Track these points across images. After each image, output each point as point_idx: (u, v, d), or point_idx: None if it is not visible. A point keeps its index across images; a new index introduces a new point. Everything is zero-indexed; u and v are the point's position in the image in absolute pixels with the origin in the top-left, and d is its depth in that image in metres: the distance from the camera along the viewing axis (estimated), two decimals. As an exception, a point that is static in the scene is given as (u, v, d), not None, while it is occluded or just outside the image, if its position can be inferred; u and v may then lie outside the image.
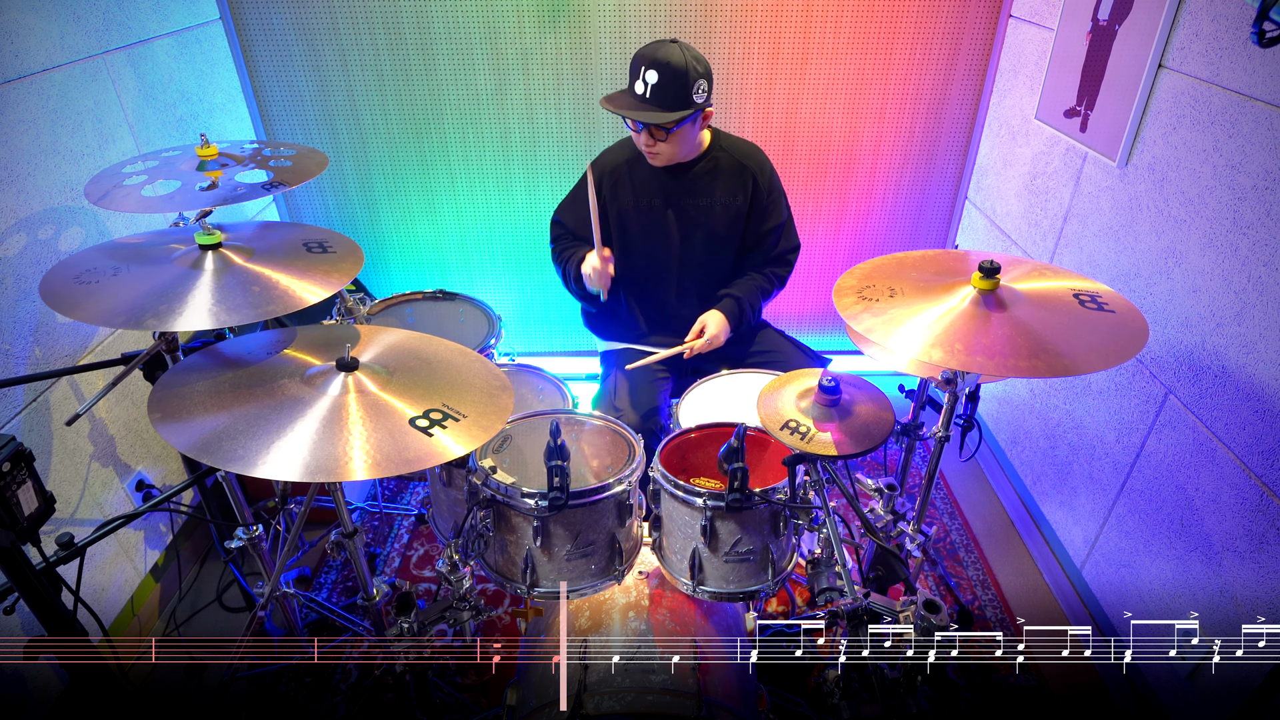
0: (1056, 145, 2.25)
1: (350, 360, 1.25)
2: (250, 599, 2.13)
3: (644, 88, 1.82)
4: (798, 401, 1.43)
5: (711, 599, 1.51)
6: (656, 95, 1.82)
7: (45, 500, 1.14)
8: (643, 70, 1.81)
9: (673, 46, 1.82)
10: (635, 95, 1.85)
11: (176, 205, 1.62)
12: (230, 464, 1.08)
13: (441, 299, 2.30)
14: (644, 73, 1.81)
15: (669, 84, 1.81)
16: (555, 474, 1.32)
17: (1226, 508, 1.61)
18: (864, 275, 1.52)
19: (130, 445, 2.09)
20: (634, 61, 1.85)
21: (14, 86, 1.73)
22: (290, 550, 1.57)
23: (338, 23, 2.54)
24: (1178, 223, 1.75)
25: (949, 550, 2.41)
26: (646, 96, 1.83)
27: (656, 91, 1.81)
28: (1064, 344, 1.28)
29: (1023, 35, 2.44)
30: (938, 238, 3.00)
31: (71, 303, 1.30)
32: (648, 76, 1.80)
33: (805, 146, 2.78)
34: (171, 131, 2.25)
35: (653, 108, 1.83)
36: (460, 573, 1.48)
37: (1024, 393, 2.51)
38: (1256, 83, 1.51)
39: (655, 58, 1.80)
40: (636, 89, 1.84)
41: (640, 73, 1.82)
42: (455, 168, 2.82)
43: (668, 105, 1.83)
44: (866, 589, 1.33)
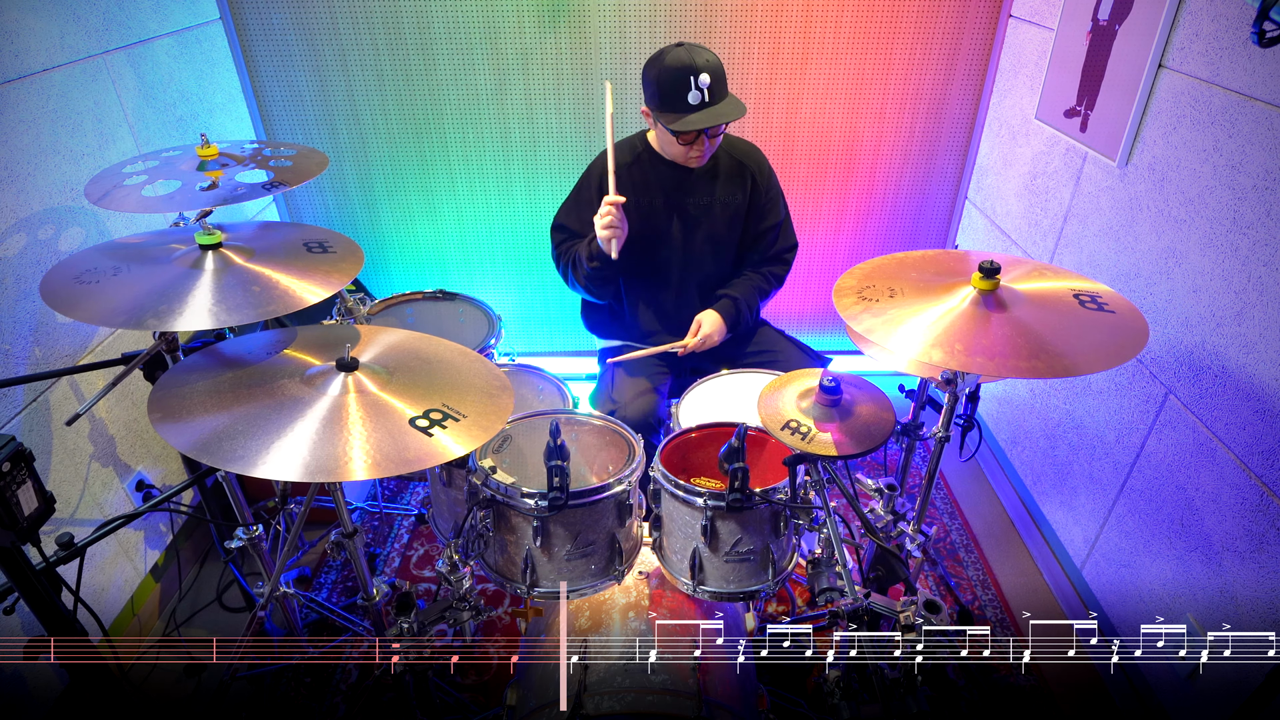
0: (1056, 145, 2.25)
1: (350, 360, 1.25)
2: (250, 599, 2.13)
3: (700, 95, 1.83)
4: (798, 401, 1.43)
5: (712, 599, 1.50)
6: (715, 93, 1.84)
7: (45, 500, 1.14)
8: (693, 80, 1.82)
9: (695, 49, 1.84)
10: (695, 106, 1.84)
11: (176, 205, 1.62)
12: (230, 464, 1.08)
13: (441, 299, 2.29)
14: (696, 80, 1.82)
15: (719, 79, 1.85)
16: (555, 474, 1.32)
17: (1226, 508, 1.61)
18: (864, 275, 1.52)
19: (130, 445, 2.09)
20: (673, 77, 1.83)
21: (14, 86, 1.73)
22: (290, 550, 1.57)
23: (338, 23, 2.54)
24: (1178, 223, 1.75)
25: (949, 550, 2.41)
26: (708, 101, 1.84)
27: (714, 91, 1.84)
28: (1064, 344, 1.28)
29: (1023, 35, 2.44)
30: (938, 238, 3.00)
31: (71, 303, 1.30)
32: (701, 81, 1.82)
33: (805, 146, 2.78)
34: (171, 131, 2.25)
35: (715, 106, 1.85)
36: (460, 573, 1.48)
37: (1024, 393, 2.51)
38: (1256, 83, 1.51)
39: (696, 64, 1.82)
40: (691, 100, 1.83)
41: (692, 83, 1.82)
42: (455, 168, 2.82)
43: (725, 95, 1.87)
44: (867, 589, 1.33)
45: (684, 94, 1.83)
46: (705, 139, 1.91)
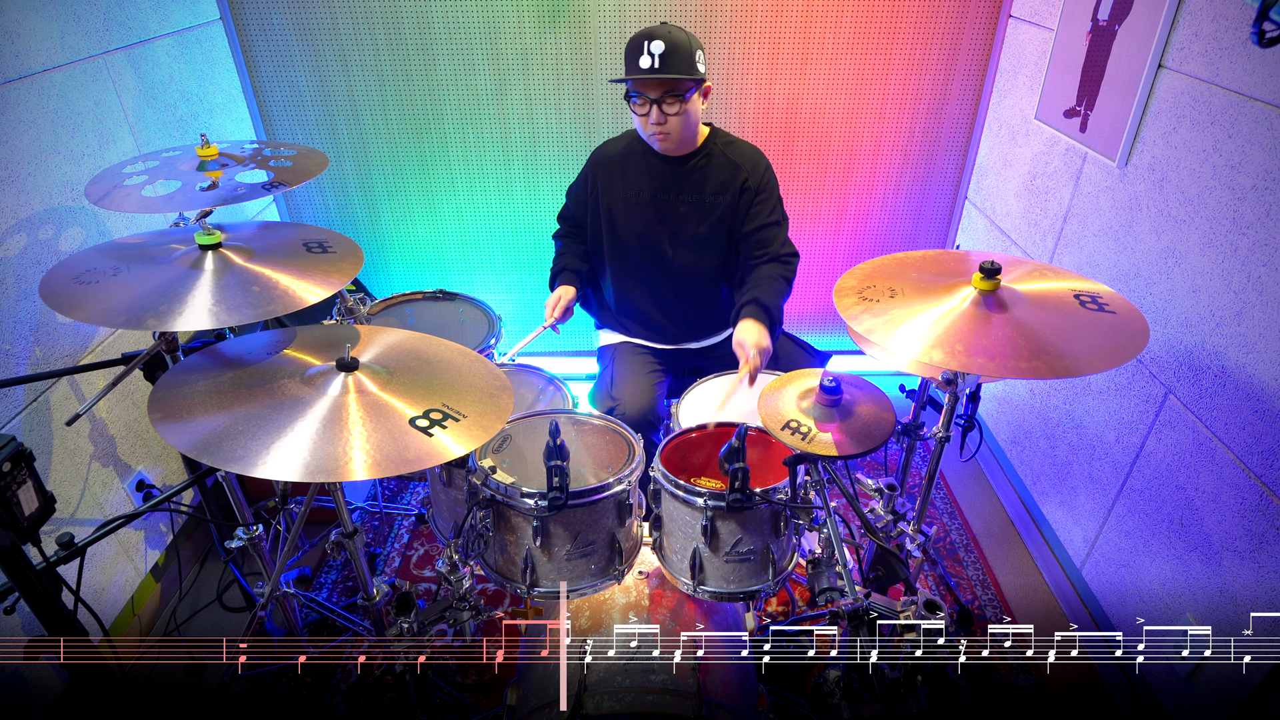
0: (1056, 145, 2.25)
1: (350, 360, 1.25)
2: (250, 599, 2.13)
3: (650, 59, 1.81)
4: (799, 401, 1.43)
5: (712, 599, 1.51)
6: (666, 63, 1.81)
7: (45, 500, 1.14)
8: (646, 44, 1.81)
9: (664, 25, 1.84)
10: (643, 69, 1.84)
11: (177, 205, 1.62)
12: (230, 464, 1.08)
13: (441, 299, 2.29)
14: (648, 45, 1.80)
15: (674, 51, 1.81)
16: (555, 474, 1.32)
17: (1226, 508, 1.61)
18: (864, 275, 1.52)
19: (130, 445, 2.09)
20: (632, 43, 1.84)
21: (14, 86, 1.73)
22: (290, 550, 1.57)
23: (338, 23, 2.54)
24: (1178, 223, 1.75)
25: (949, 550, 2.41)
26: (655, 66, 1.82)
27: (665, 59, 1.81)
28: (1064, 345, 1.28)
29: (1023, 35, 2.44)
30: (938, 238, 3.00)
31: (71, 303, 1.30)
32: (653, 48, 1.80)
33: (805, 147, 2.78)
34: (172, 131, 2.25)
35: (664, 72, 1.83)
36: (460, 573, 1.48)
37: (1024, 393, 2.51)
38: (1256, 83, 1.51)
39: (655, 33, 1.81)
40: (643, 63, 1.82)
41: (644, 47, 1.81)
42: (455, 168, 2.82)
43: (680, 70, 1.83)
44: (867, 589, 1.33)
45: (636, 58, 1.84)
46: (658, 112, 1.87)
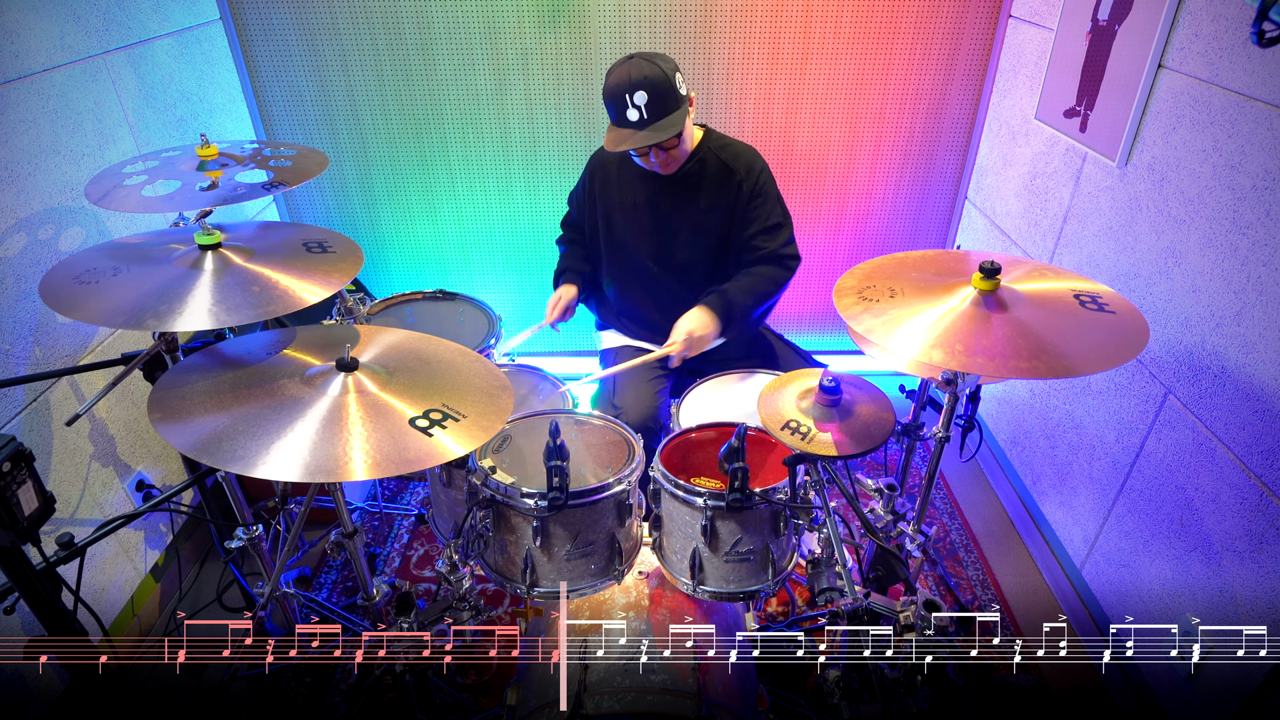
0: (1056, 145, 2.25)
1: (350, 360, 1.25)
2: (250, 599, 2.13)
3: (637, 113, 1.81)
4: (798, 401, 1.43)
5: (712, 599, 1.51)
6: (653, 111, 1.81)
7: (45, 500, 1.14)
8: (628, 97, 1.80)
9: (637, 62, 1.82)
10: (632, 124, 1.83)
11: (176, 205, 1.62)
12: (230, 464, 1.08)
13: (441, 299, 2.29)
14: (631, 98, 1.80)
15: (658, 95, 1.80)
16: (555, 474, 1.32)
17: (1226, 508, 1.61)
18: (864, 275, 1.52)
19: (130, 445, 2.09)
20: (612, 95, 1.83)
21: (14, 86, 1.73)
22: (290, 550, 1.57)
23: (338, 23, 2.54)
24: (1177, 223, 1.75)
25: (949, 550, 2.41)
26: (645, 118, 1.82)
27: (652, 108, 1.81)
28: (1064, 345, 1.28)
29: (1023, 35, 2.44)
30: (938, 238, 3.00)
31: (71, 303, 1.30)
32: (637, 99, 1.79)
33: (805, 147, 2.78)
34: (171, 131, 2.25)
35: (654, 124, 1.83)
36: (460, 573, 1.48)
37: (1024, 393, 2.51)
38: (1256, 83, 1.51)
39: (633, 79, 1.79)
40: (630, 116, 1.82)
41: (627, 100, 1.81)
42: (455, 168, 2.82)
43: (666, 113, 1.82)
44: (866, 589, 1.34)
45: (622, 111, 1.83)
46: (657, 151, 1.88)
